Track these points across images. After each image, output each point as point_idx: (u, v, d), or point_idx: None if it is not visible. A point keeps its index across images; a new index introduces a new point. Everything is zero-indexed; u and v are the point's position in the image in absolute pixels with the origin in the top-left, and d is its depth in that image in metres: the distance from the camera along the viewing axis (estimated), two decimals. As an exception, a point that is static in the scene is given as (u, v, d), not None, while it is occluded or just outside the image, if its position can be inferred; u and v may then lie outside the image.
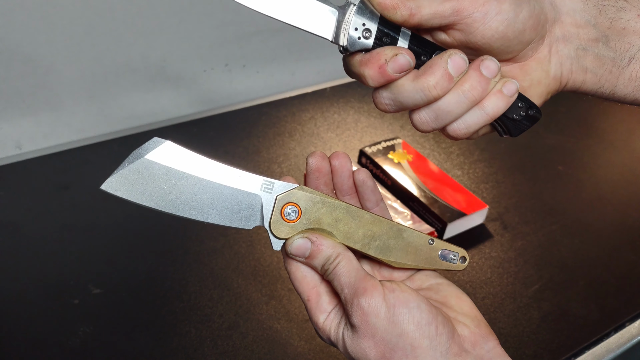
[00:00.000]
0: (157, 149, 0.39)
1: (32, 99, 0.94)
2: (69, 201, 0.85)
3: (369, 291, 0.37)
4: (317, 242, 0.39)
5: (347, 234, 0.41)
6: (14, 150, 0.97)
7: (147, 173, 0.38)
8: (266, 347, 0.66)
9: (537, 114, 0.42)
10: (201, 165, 0.39)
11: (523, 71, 0.42)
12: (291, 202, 0.40)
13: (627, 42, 0.42)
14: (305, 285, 0.41)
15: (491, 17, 0.38)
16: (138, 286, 0.72)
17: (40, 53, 0.90)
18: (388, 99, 0.40)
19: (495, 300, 0.74)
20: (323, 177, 0.43)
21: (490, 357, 0.39)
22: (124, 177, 0.38)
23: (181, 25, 1.00)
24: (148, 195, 0.39)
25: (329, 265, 0.39)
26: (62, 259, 0.75)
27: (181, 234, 0.80)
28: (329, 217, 0.41)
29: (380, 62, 0.38)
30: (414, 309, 0.37)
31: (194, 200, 0.39)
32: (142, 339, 0.66)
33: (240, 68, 1.12)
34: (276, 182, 0.40)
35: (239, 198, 0.40)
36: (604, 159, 1.04)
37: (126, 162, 0.38)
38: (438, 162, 0.98)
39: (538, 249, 0.82)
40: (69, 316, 0.67)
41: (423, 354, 0.37)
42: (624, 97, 0.44)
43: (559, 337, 0.70)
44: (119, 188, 0.38)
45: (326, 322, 0.40)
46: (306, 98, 1.14)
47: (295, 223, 0.40)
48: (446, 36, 0.40)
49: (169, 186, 0.39)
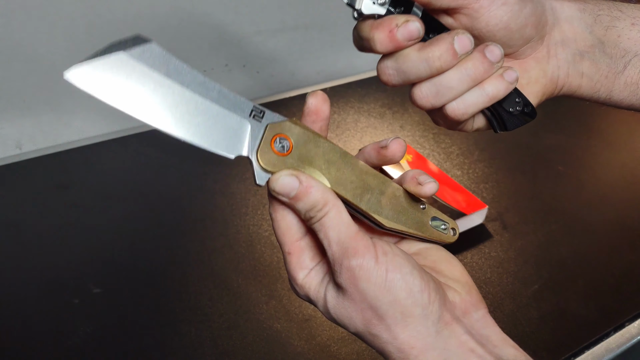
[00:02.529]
0: (139, 47, 0.33)
1: (32, 99, 0.94)
2: (69, 201, 0.85)
3: (360, 252, 0.34)
4: (305, 183, 0.36)
5: (339, 180, 0.37)
6: (14, 150, 0.97)
7: (124, 71, 0.33)
8: (266, 347, 0.66)
9: (532, 112, 0.43)
10: (187, 76, 0.35)
11: (522, 68, 0.43)
12: (282, 134, 0.36)
13: (623, 49, 0.43)
14: (289, 237, 0.37)
15: (497, 6, 0.39)
16: (138, 286, 0.72)
17: (40, 53, 0.90)
18: (392, 68, 0.40)
19: (495, 300, 0.74)
20: (320, 121, 0.39)
21: (480, 326, 0.38)
22: (96, 70, 0.32)
23: (181, 25, 1.00)
24: (120, 97, 0.34)
25: (315, 213, 0.36)
26: (62, 258, 0.75)
27: (181, 234, 0.80)
28: (322, 158, 0.37)
29: (392, 27, 0.38)
30: (407, 274, 0.35)
31: (173, 112, 0.34)
32: (142, 339, 0.66)
33: (240, 68, 1.12)
34: (267, 110, 0.37)
35: (225, 120, 0.35)
36: (604, 159, 1.04)
37: (101, 53, 0.32)
38: (438, 162, 0.98)
39: (538, 248, 0.82)
40: (69, 316, 0.67)
41: (414, 322, 0.35)
42: (620, 101, 0.45)
43: (558, 337, 0.70)
44: (88, 81, 0.32)
45: (306, 279, 0.38)
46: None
47: (285, 157, 0.36)
48: (453, 20, 0.41)
49: (146, 91, 0.34)
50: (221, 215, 0.84)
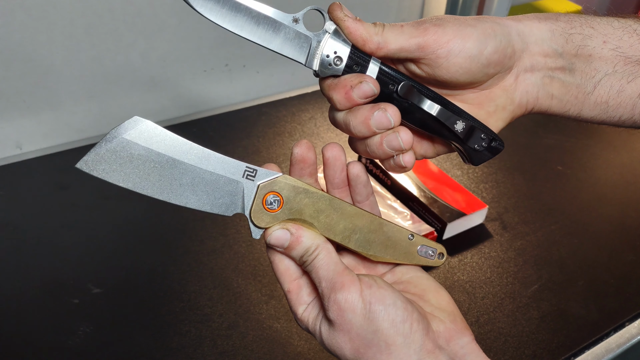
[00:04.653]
0: (136, 128, 0.37)
1: (32, 99, 0.94)
2: (69, 201, 0.85)
3: (346, 286, 0.38)
4: (296, 234, 0.39)
5: (328, 225, 0.41)
6: (14, 150, 0.97)
7: (125, 153, 0.37)
8: (266, 347, 0.66)
9: (499, 146, 0.44)
10: (182, 148, 0.38)
11: (488, 98, 0.43)
12: (273, 191, 0.40)
13: (594, 68, 0.43)
14: (288, 277, 0.41)
15: (455, 54, 0.40)
16: (138, 286, 0.72)
17: (40, 53, 0.90)
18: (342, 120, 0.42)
19: (495, 300, 0.74)
20: (308, 167, 0.42)
21: (464, 353, 0.39)
22: (100, 156, 0.37)
23: (181, 25, 1.00)
24: (125, 176, 0.37)
25: (307, 257, 0.39)
26: (62, 259, 0.75)
27: (181, 234, 0.80)
28: (311, 208, 0.40)
29: (347, 88, 0.40)
30: (389, 306, 0.37)
31: (173, 183, 0.38)
32: (142, 338, 0.66)
33: (240, 68, 1.12)
34: (259, 169, 0.40)
35: (220, 184, 0.39)
36: (603, 159, 1.04)
37: (104, 140, 0.37)
38: (438, 162, 0.98)
39: (537, 248, 0.82)
40: (69, 316, 0.67)
41: (397, 350, 0.37)
42: (591, 119, 0.46)
43: (558, 337, 0.70)
44: (96, 167, 0.37)
45: (304, 313, 0.41)
46: (306, 98, 1.14)
47: (276, 213, 0.40)
48: (416, 67, 0.41)
49: (147, 168, 0.37)
50: (221, 215, 0.84)
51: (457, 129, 0.42)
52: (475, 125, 0.42)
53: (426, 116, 0.42)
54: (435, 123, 0.42)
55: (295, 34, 0.40)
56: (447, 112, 0.42)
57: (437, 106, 0.41)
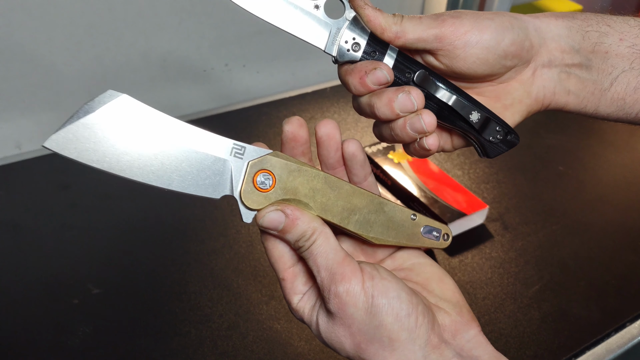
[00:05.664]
0: (111, 103, 0.33)
1: (32, 99, 0.94)
2: (69, 201, 0.84)
3: (347, 278, 0.35)
4: (291, 216, 0.36)
5: (325, 206, 0.38)
6: (14, 150, 0.97)
7: (99, 130, 0.32)
8: (266, 348, 0.66)
9: (514, 139, 0.44)
10: (163, 124, 0.34)
11: (505, 91, 0.44)
12: (264, 169, 0.36)
13: (610, 65, 0.43)
14: (282, 264, 0.39)
15: (472, 45, 0.40)
16: (138, 286, 0.72)
17: (40, 53, 0.90)
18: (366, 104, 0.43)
19: (496, 301, 0.74)
20: (300, 146, 0.40)
21: (470, 347, 0.38)
22: (71, 134, 0.32)
23: (181, 25, 1.00)
24: (100, 156, 0.33)
25: (304, 242, 0.36)
26: (62, 259, 0.75)
27: (181, 234, 0.80)
28: (306, 187, 0.37)
29: (361, 74, 0.40)
30: (393, 299, 0.35)
31: (154, 163, 0.34)
32: (142, 339, 0.66)
33: (240, 68, 1.12)
34: (248, 146, 0.36)
35: (205, 163, 0.35)
36: (604, 159, 1.04)
37: (75, 116, 0.32)
38: (438, 162, 0.98)
39: (538, 249, 0.82)
40: (69, 316, 0.67)
41: (401, 346, 0.35)
42: (607, 116, 0.46)
43: (559, 338, 0.69)
44: (66, 146, 0.32)
45: (300, 303, 0.39)
46: (306, 98, 1.14)
47: (268, 192, 0.36)
48: (434, 60, 0.42)
49: (124, 146, 0.33)
50: (221, 215, 0.84)
51: (472, 119, 0.42)
52: (490, 117, 0.43)
53: (442, 105, 0.42)
54: (450, 112, 0.42)
55: (316, 19, 0.41)
56: (462, 101, 0.42)
57: (452, 95, 0.42)
